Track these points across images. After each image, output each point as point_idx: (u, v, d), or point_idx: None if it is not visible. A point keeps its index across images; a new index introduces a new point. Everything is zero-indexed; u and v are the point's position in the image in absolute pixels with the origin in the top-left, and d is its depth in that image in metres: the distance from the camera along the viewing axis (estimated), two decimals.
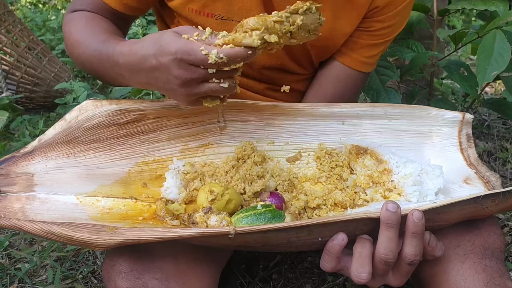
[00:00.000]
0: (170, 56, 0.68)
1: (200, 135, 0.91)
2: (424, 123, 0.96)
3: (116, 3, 0.92)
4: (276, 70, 1.02)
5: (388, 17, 0.99)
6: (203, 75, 0.69)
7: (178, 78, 0.69)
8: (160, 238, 0.63)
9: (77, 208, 0.77)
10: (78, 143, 0.84)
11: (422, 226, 0.66)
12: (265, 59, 0.98)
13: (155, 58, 0.70)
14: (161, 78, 0.72)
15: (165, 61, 0.69)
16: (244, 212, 0.75)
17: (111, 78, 0.85)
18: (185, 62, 0.68)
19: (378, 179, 0.86)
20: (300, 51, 1.00)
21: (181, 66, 0.68)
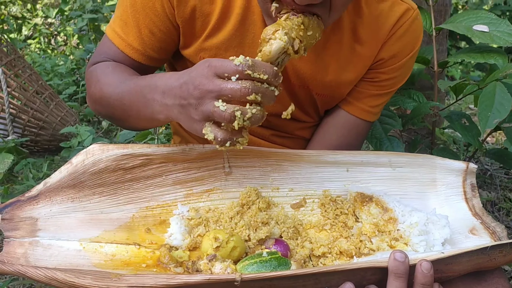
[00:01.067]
0: (203, 66, 0.70)
1: (205, 180, 0.91)
2: (428, 172, 0.97)
3: (138, 55, 0.95)
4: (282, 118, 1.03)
5: (392, 69, 1.01)
6: (227, 88, 0.68)
7: (199, 88, 0.69)
8: (165, 285, 0.62)
9: (80, 254, 0.76)
10: (84, 187, 0.83)
11: (431, 277, 0.65)
12: (272, 107, 1.00)
13: (190, 71, 0.73)
14: (187, 89, 0.72)
15: (197, 71, 0.71)
16: (250, 260, 0.73)
17: (137, 113, 0.87)
18: (213, 70, 0.69)
19: (384, 227, 0.86)
20: (307, 99, 1.02)
21: (208, 76, 0.69)
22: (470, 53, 1.26)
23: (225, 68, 0.68)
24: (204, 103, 0.70)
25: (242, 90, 0.67)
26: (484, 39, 1.17)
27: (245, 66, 0.67)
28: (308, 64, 0.97)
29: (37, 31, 4.97)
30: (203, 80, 0.69)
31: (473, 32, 1.19)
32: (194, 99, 0.71)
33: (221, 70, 0.69)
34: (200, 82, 0.70)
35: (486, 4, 3.70)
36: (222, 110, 0.68)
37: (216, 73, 0.69)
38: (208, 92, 0.69)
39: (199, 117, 0.71)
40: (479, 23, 1.21)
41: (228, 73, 0.68)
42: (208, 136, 0.72)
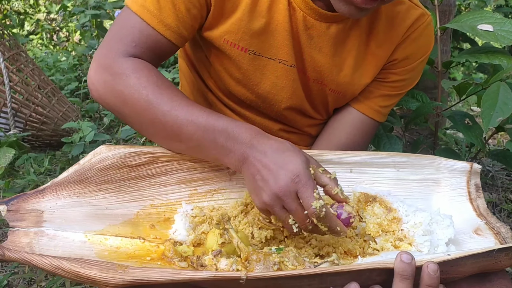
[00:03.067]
0: (287, 172, 0.74)
1: (210, 180, 0.91)
2: (432, 172, 0.96)
3: (171, 33, 0.88)
4: (294, 111, 1.03)
5: (404, 70, 1.02)
6: (295, 210, 0.74)
7: (277, 189, 0.73)
8: (170, 279, 0.62)
9: (85, 245, 0.76)
10: (90, 184, 0.84)
11: (437, 278, 0.64)
12: (286, 99, 0.99)
13: (275, 163, 0.75)
14: (264, 174, 0.76)
15: (280, 173, 0.74)
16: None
17: (193, 147, 0.84)
18: (293, 189, 0.73)
19: (388, 227, 0.85)
20: (319, 95, 1.02)
21: (289, 188, 0.73)
22: (474, 53, 1.26)
23: (304, 199, 0.73)
24: (276, 205, 0.75)
25: (303, 223, 0.74)
26: (489, 38, 1.17)
27: (314, 214, 0.72)
28: (326, 58, 0.97)
29: (40, 27, 4.95)
30: (283, 187, 0.73)
31: (477, 31, 1.18)
32: (270, 192, 0.75)
33: (302, 194, 0.73)
34: (285, 185, 0.73)
35: (488, 5, 3.70)
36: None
37: (297, 191, 0.74)
38: (284, 197, 0.73)
39: (270, 197, 0.75)
40: (484, 22, 1.20)
41: (303, 202, 0.73)
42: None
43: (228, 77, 0.98)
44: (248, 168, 0.77)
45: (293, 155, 0.77)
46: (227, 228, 0.76)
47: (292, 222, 0.74)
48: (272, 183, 0.74)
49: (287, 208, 0.74)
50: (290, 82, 0.98)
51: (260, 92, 0.98)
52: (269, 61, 0.95)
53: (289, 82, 0.98)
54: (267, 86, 0.98)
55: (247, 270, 0.68)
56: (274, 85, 0.98)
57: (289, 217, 0.74)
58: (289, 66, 0.96)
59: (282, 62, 0.95)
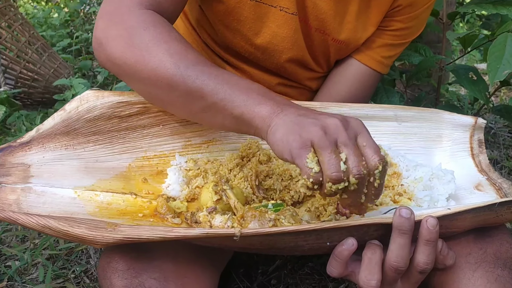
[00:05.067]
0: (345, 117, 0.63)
1: (204, 131, 0.89)
2: (434, 127, 0.94)
3: None
4: (294, 63, 1.00)
5: (408, 18, 0.98)
6: (354, 147, 0.61)
7: (338, 119, 0.62)
8: (162, 237, 0.60)
9: (75, 202, 0.74)
10: (78, 135, 0.81)
11: (436, 233, 0.63)
12: (287, 50, 0.96)
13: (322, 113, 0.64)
14: (312, 115, 0.63)
15: (335, 115, 0.63)
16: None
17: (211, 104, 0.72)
18: (355, 128, 0.62)
19: (387, 182, 0.84)
20: (320, 45, 0.98)
21: (350, 124, 0.62)
22: (481, 3, 1.21)
23: (368, 142, 0.62)
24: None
25: (358, 166, 0.60)
26: None
27: (381, 160, 0.61)
28: (329, 4, 0.92)
29: None
30: (349, 121, 0.63)
31: None
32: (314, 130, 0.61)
33: (364, 138, 0.62)
34: (346, 119, 0.63)
35: None
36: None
37: (358, 134, 0.62)
38: (345, 129, 0.61)
39: (326, 125, 0.61)
40: None
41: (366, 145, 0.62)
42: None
43: (225, 29, 0.95)
44: (288, 115, 0.64)
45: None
46: (225, 189, 0.74)
47: (344, 158, 0.59)
48: (328, 117, 0.62)
49: (342, 141, 0.60)
50: (291, 32, 0.94)
51: (259, 43, 0.94)
52: (270, 8, 0.91)
53: (290, 31, 0.94)
54: (267, 36, 0.94)
55: (242, 227, 0.67)
56: (275, 35, 0.94)
57: (339, 151, 0.60)
58: (291, 14, 0.92)
59: (283, 9, 0.91)
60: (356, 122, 0.63)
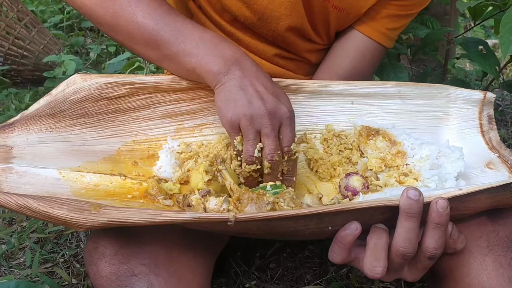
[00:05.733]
0: (280, 104, 0.72)
1: (198, 113, 0.85)
2: (441, 103, 0.90)
3: None
4: (293, 32, 0.94)
5: None
6: (272, 137, 0.71)
7: (268, 108, 0.71)
8: (150, 221, 0.57)
9: (59, 183, 0.71)
10: (64, 117, 0.78)
11: (447, 216, 0.59)
12: (285, 17, 0.91)
13: (269, 88, 0.73)
14: (255, 90, 0.72)
15: (273, 99, 0.72)
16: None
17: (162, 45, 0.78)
18: (280, 119, 0.72)
19: (392, 162, 0.80)
20: (320, 13, 0.93)
21: (278, 115, 0.72)
22: None
23: (287, 135, 0.72)
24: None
25: (271, 153, 0.71)
26: None
27: (287, 152, 0.73)
28: None
29: None
30: (278, 111, 0.72)
31: None
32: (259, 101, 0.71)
33: (286, 129, 0.73)
34: (276, 109, 0.72)
35: None
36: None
37: (283, 124, 0.73)
38: (270, 119, 0.71)
39: (254, 112, 0.71)
40: None
41: (284, 137, 0.73)
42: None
43: None
44: (233, 79, 0.73)
45: (285, 94, 0.76)
46: (221, 169, 0.70)
47: (259, 147, 0.71)
48: (262, 102, 0.71)
49: (264, 132, 0.71)
50: None
51: (256, 7, 0.89)
52: None
53: None
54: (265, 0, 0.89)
55: (238, 210, 0.63)
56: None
57: (258, 141, 0.71)
58: None
59: None
60: (283, 112, 0.71)
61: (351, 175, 0.76)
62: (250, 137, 0.70)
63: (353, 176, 0.76)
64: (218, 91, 0.73)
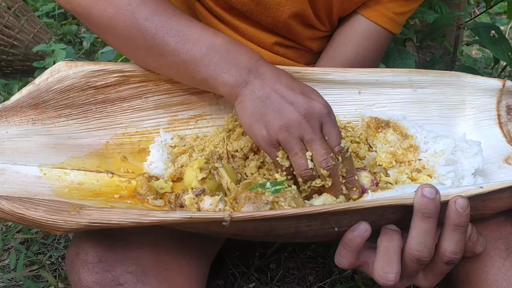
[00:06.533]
0: (314, 101, 0.66)
1: (193, 104, 0.81)
2: (455, 92, 0.85)
3: None
4: (294, 19, 0.89)
5: None
6: (318, 140, 0.65)
7: (303, 111, 0.65)
8: (136, 222, 0.52)
9: (40, 181, 0.66)
10: (47, 108, 0.74)
11: (467, 217, 0.54)
12: (287, 2, 0.85)
13: (293, 88, 0.67)
14: (280, 97, 0.66)
15: (304, 98, 0.66)
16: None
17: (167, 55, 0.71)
18: (320, 118, 0.65)
19: (403, 157, 0.75)
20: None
21: (315, 115, 0.65)
22: None
23: (332, 134, 0.66)
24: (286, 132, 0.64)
25: (323, 158, 0.64)
26: None
27: (341, 152, 0.66)
28: None
29: None
30: (314, 111, 0.66)
31: None
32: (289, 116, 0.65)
33: (329, 128, 0.66)
34: (312, 109, 0.65)
35: None
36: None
37: (324, 123, 0.66)
38: (310, 122, 0.65)
39: (290, 121, 0.65)
40: None
41: (330, 137, 0.66)
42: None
43: None
44: (254, 91, 0.66)
45: (311, 87, 0.70)
46: (217, 167, 0.65)
47: (309, 156, 0.64)
48: (293, 106, 0.64)
49: (307, 138, 0.64)
50: None
51: None
52: None
53: None
54: None
55: (235, 210, 0.58)
56: None
57: (305, 150, 0.64)
58: None
59: None
60: (319, 109, 0.65)
61: (358, 171, 0.71)
62: (296, 149, 0.64)
63: (360, 172, 0.71)
64: (240, 107, 0.67)
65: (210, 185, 0.66)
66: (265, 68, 0.68)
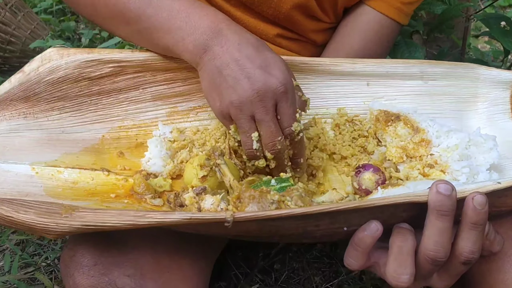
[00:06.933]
0: (270, 76, 0.62)
1: (193, 95, 0.78)
2: (468, 85, 0.82)
3: None
4: (297, 10, 0.86)
5: None
6: (268, 121, 0.63)
7: (256, 89, 0.62)
8: (132, 224, 0.49)
9: (32, 180, 0.64)
10: (39, 101, 0.71)
11: (485, 214, 0.51)
12: None
13: (252, 60, 0.63)
14: (237, 69, 0.63)
15: (260, 73, 0.62)
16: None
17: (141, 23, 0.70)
18: (274, 97, 0.63)
19: (414, 152, 0.73)
20: None
21: (269, 94, 0.62)
22: None
23: (285, 114, 0.63)
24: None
25: (271, 141, 0.63)
26: None
27: (290, 135, 0.64)
28: None
29: None
30: (268, 90, 0.62)
31: None
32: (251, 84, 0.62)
33: (283, 108, 0.63)
34: (265, 87, 0.62)
35: None
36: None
37: (278, 102, 0.63)
38: (262, 101, 0.62)
39: (242, 98, 0.62)
40: None
41: (282, 117, 0.63)
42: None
43: None
44: (213, 59, 0.64)
45: (276, 58, 0.65)
46: (219, 163, 0.62)
47: (256, 137, 0.63)
48: (248, 82, 0.61)
49: (258, 118, 0.62)
50: None
51: None
52: None
53: None
54: None
55: (238, 210, 0.55)
56: None
57: (254, 129, 0.63)
58: None
59: None
60: (276, 87, 0.62)
61: (361, 172, 0.68)
62: (245, 127, 0.63)
63: (363, 174, 0.68)
64: (201, 75, 0.66)
65: (211, 183, 0.63)
66: (227, 32, 0.65)
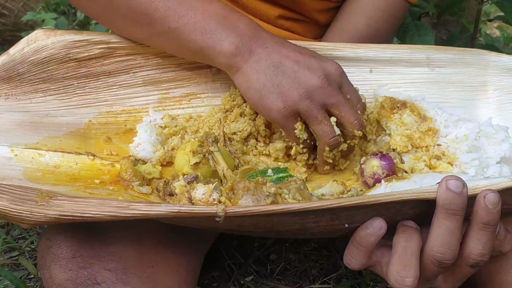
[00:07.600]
0: (328, 63, 0.64)
1: (186, 80, 0.76)
2: (477, 72, 0.79)
3: None
4: None
5: None
6: (343, 103, 0.64)
7: (323, 76, 0.62)
8: (114, 216, 0.47)
9: (10, 163, 0.61)
10: (23, 82, 0.69)
11: (497, 214, 0.48)
12: None
13: (304, 54, 0.64)
14: (293, 63, 0.63)
15: (318, 63, 0.63)
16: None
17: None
18: (340, 80, 0.64)
19: (420, 141, 0.69)
20: None
21: (336, 77, 0.64)
22: None
23: (352, 92, 0.66)
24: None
25: (354, 122, 0.64)
26: None
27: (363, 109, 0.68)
28: None
29: None
30: (334, 74, 0.64)
31: None
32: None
33: (348, 86, 0.66)
34: (331, 72, 0.64)
35: None
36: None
37: (343, 83, 0.66)
38: (331, 87, 0.62)
39: (310, 89, 0.62)
40: None
41: (351, 95, 0.66)
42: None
43: None
44: (260, 60, 0.62)
45: (321, 56, 0.67)
46: (212, 151, 0.59)
47: (334, 121, 0.63)
48: (309, 72, 0.61)
49: (333, 102, 0.62)
50: None
51: None
52: None
53: None
54: None
55: (231, 202, 0.52)
56: None
57: (328, 117, 0.63)
58: None
59: None
60: (335, 70, 0.63)
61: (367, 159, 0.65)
62: (320, 117, 0.62)
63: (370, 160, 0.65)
64: (243, 80, 0.63)
65: (203, 171, 0.60)
66: (266, 35, 0.65)
